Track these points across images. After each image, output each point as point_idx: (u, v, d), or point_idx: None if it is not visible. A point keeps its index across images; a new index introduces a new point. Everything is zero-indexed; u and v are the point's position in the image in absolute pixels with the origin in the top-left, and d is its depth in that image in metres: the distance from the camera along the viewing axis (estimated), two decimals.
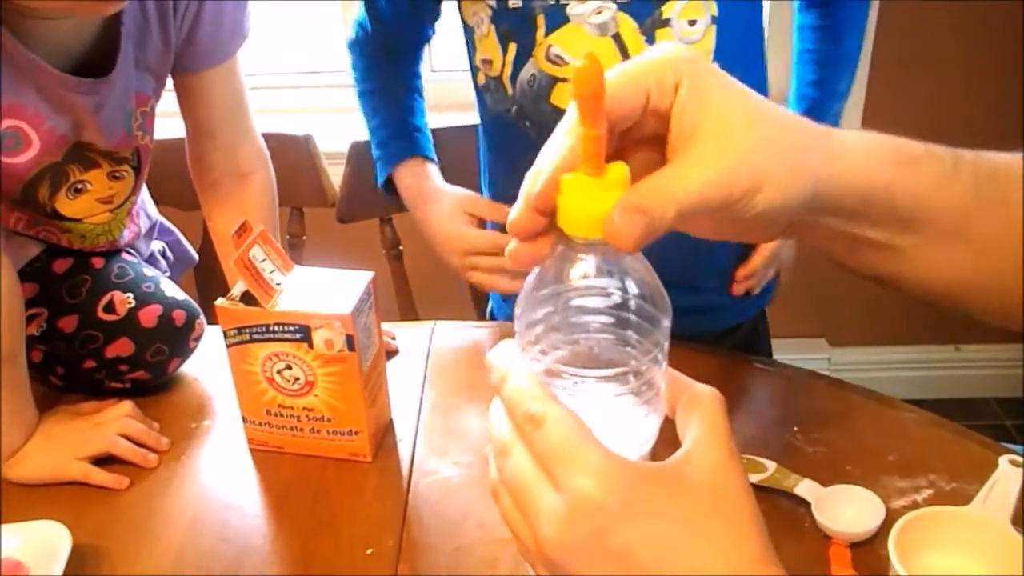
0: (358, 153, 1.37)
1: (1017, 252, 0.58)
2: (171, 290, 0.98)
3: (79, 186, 0.94)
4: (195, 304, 0.99)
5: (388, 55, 1.22)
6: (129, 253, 1.07)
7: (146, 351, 0.93)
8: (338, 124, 1.85)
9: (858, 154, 0.54)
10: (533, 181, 0.47)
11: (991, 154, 0.58)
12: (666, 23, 0.97)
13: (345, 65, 1.25)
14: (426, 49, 1.25)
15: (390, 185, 1.18)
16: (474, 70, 1.11)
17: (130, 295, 0.95)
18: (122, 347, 0.93)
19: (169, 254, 1.21)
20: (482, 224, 1.11)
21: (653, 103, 0.47)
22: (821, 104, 1.17)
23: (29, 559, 0.71)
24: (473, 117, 1.19)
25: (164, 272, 1.16)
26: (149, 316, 0.94)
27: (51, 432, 0.86)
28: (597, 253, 0.46)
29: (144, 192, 1.12)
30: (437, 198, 1.14)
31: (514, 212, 0.47)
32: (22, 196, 0.91)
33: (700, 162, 0.47)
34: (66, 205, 0.94)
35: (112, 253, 1.03)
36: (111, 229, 1.02)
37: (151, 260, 1.14)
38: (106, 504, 0.81)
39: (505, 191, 1.18)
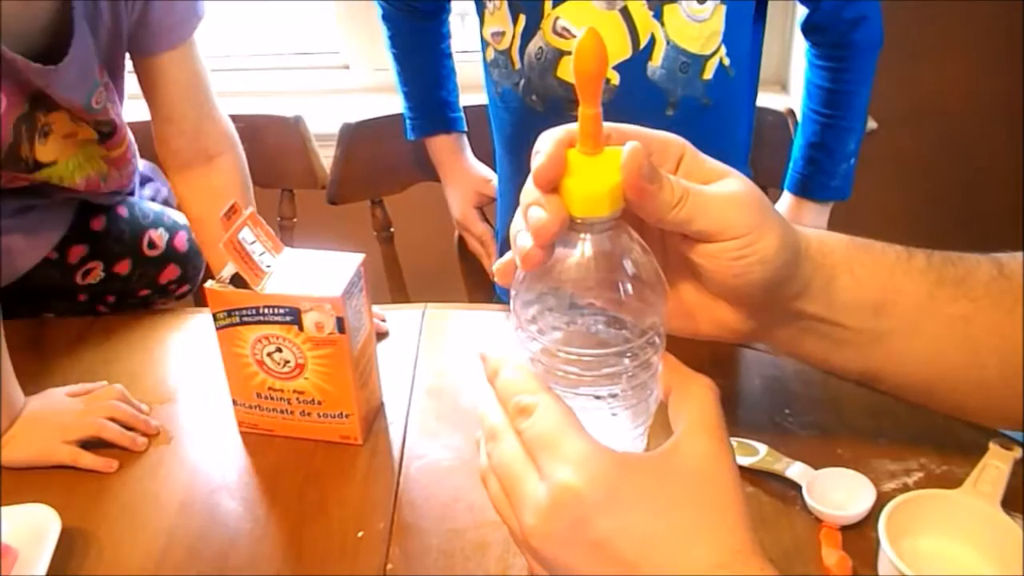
0: (349, 135, 1.37)
1: (990, 333, 0.60)
2: (178, 216, 1.17)
3: (45, 129, 0.96)
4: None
5: (413, 14, 1.25)
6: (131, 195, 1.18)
7: (188, 269, 1.17)
8: (329, 106, 1.83)
9: (815, 236, 0.58)
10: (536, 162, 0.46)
11: (950, 252, 0.61)
12: None
13: (338, 45, 1.25)
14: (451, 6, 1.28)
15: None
16: (484, 45, 1.11)
17: (161, 229, 1.15)
18: (171, 272, 1.16)
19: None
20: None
21: (653, 161, 0.50)
22: (827, 167, 1.18)
23: (18, 543, 0.70)
24: (483, 98, 1.20)
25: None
26: (181, 241, 1.17)
27: (39, 416, 0.85)
28: (595, 232, 0.46)
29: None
30: (460, 175, 1.31)
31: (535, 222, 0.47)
32: (7, 157, 0.93)
33: (718, 189, 0.50)
34: (41, 151, 0.97)
35: (124, 200, 1.15)
36: (83, 165, 1.03)
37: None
38: (95, 487, 0.81)
39: (512, 167, 1.19)
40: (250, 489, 0.81)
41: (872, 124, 1.85)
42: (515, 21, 1.02)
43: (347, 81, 1.96)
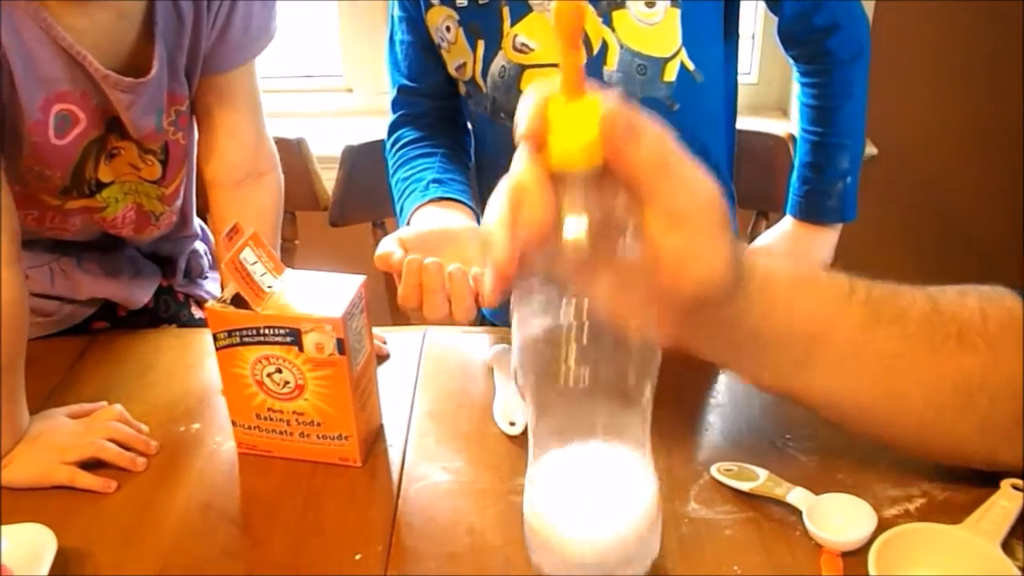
0: (351, 157, 1.38)
1: (917, 369, 0.62)
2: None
3: (113, 152, 0.97)
4: None
5: (429, 128, 1.18)
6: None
7: None
8: (331, 128, 1.85)
9: (762, 268, 0.59)
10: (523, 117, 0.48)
11: (889, 283, 0.63)
12: (622, 4, 0.99)
13: (340, 70, 1.26)
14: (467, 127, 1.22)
15: None
16: (456, 83, 1.14)
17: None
18: None
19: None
20: None
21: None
22: (820, 186, 1.16)
23: (13, 562, 0.70)
24: None
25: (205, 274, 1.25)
26: None
27: (38, 436, 0.85)
28: (583, 185, 0.46)
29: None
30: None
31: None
32: (72, 180, 0.94)
33: (701, 177, 0.53)
34: (104, 171, 0.97)
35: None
36: (127, 195, 1.03)
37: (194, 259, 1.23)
38: (93, 507, 0.80)
39: (491, 190, 1.19)
40: (248, 510, 0.81)
41: (872, 150, 1.86)
42: (474, 48, 1.06)
43: (350, 104, 1.98)
